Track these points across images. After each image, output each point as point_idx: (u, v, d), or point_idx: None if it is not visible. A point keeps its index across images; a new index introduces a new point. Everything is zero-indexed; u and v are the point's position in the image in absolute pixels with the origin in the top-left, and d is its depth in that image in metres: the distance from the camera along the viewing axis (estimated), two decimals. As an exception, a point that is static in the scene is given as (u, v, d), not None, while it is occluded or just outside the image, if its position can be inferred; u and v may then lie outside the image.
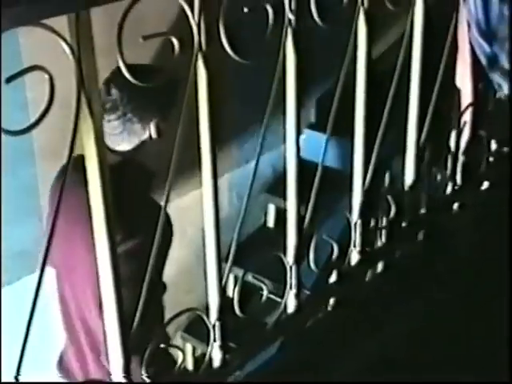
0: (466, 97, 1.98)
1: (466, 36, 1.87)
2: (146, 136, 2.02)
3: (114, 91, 1.95)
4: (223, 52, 1.34)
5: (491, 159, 2.25)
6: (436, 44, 2.01)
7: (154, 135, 2.01)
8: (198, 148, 1.39)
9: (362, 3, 1.67)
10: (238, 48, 1.41)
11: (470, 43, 1.86)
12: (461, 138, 2.06)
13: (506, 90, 1.82)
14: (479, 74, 1.91)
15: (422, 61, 1.88)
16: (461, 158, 2.07)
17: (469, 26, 1.83)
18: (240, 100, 3.37)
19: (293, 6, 1.47)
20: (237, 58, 1.37)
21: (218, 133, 2.07)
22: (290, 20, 1.48)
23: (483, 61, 1.82)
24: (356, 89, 1.76)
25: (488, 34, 1.77)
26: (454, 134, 2.06)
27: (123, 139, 2.00)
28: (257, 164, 1.55)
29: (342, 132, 1.75)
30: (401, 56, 1.83)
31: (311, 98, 3.85)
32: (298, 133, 1.61)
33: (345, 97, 1.73)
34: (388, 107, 1.82)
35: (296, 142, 1.61)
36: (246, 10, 1.34)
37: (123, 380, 1.31)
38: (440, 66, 1.93)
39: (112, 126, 1.95)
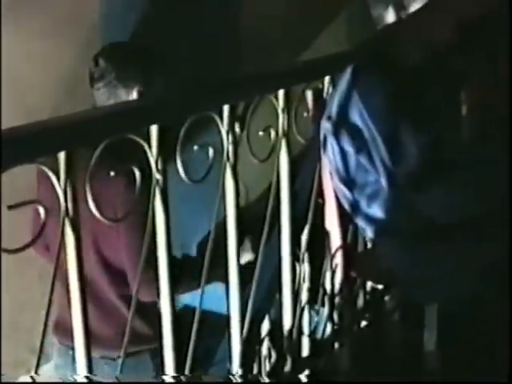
0: (336, 239, 2.05)
1: (329, 183, 1.96)
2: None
3: (101, 62, 2.28)
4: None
5: (368, 298, 2.32)
6: (305, 189, 2.11)
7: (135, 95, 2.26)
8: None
9: (228, 158, 1.74)
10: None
11: (334, 190, 1.95)
12: (335, 279, 2.12)
13: (370, 233, 1.91)
14: (346, 217, 1.99)
15: (291, 205, 1.96)
16: (336, 299, 2.13)
17: (331, 173, 1.93)
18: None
19: (159, 166, 1.52)
20: (102, 219, 1.39)
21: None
22: (157, 180, 1.52)
23: (346, 206, 1.91)
24: (228, 237, 1.81)
25: (348, 181, 1.86)
26: (327, 276, 2.12)
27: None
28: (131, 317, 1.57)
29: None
30: (270, 203, 1.91)
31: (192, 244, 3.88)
32: (172, 286, 1.63)
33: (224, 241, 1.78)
34: (261, 252, 1.87)
35: (170, 295, 1.63)
36: (112, 173, 1.38)
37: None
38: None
39: (100, 93, 2.27)
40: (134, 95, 2.27)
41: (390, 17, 1.84)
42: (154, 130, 1.50)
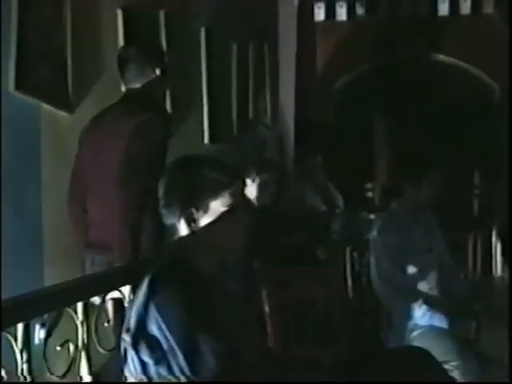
0: None
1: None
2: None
3: (131, 49, 2.96)
4: None
5: None
6: None
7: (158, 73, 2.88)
8: None
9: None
10: None
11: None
12: None
13: None
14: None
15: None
16: None
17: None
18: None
19: None
20: None
21: None
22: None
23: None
24: None
25: None
26: None
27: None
28: None
29: None
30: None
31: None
32: None
33: None
34: None
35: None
36: None
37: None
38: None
39: (131, 72, 2.85)
40: (157, 73, 2.87)
41: (183, 228, 1.89)
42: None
